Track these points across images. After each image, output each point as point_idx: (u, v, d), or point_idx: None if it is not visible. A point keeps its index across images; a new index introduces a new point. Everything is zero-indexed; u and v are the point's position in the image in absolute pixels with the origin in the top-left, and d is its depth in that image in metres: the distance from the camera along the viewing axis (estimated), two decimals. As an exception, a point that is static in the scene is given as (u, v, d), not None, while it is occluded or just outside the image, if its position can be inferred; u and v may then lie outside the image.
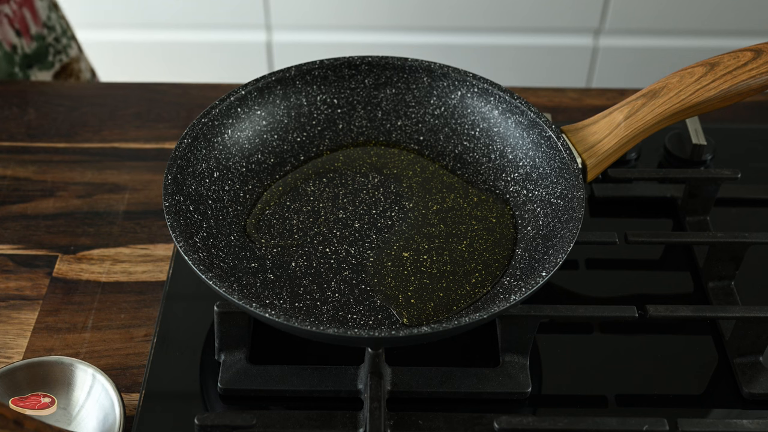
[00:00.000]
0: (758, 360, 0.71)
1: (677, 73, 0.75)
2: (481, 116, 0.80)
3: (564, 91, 0.99)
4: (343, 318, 0.69)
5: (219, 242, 0.72)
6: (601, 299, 0.77)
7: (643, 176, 0.83)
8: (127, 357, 0.73)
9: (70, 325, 0.75)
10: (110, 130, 0.93)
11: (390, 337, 0.63)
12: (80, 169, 0.89)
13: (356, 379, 0.68)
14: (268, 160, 0.79)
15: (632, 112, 0.74)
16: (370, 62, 0.81)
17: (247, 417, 0.62)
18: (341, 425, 0.65)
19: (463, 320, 0.62)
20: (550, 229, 0.71)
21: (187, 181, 0.72)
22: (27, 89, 0.99)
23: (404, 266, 0.72)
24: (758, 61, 0.73)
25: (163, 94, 0.98)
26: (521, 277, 0.70)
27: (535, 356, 0.72)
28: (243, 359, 0.69)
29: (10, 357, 0.73)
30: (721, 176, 0.80)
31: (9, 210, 0.85)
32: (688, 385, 0.71)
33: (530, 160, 0.77)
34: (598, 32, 1.78)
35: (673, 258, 0.81)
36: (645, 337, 0.74)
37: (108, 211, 0.85)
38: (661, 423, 0.63)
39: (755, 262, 0.78)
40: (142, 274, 0.79)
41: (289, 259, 0.72)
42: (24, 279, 0.78)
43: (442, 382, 0.68)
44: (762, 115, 0.97)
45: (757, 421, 0.65)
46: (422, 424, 0.66)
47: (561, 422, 0.63)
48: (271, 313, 0.62)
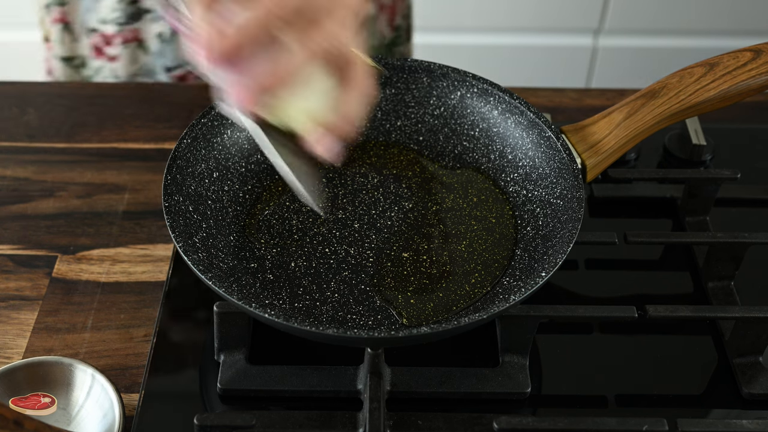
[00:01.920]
0: (758, 360, 0.71)
1: (677, 73, 0.75)
2: (481, 116, 0.80)
3: (564, 91, 0.99)
4: (342, 318, 0.69)
5: (218, 242, 0.72)
6: (601, 299, 0.77)
7: (643, 176, 0.83)
8: (127, 357, 0.73)
9: (69, 325, 0.75)
10: (110, 130, 0.93)
11: (389, 337, 0.63)
12: (80, 169, 0.89)
13: (356, 380, 0.68)
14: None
15: (632, 112, 0.74)
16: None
17: (247, 417, 0.62)
18: (341, 425, 0.65)
19: (463, 320, 0.62)
20: (550, 230, 0.71)
21: (187, 181, 0.72)
22: (27, 89, 0.99)
23: (404, 266, 0.72)
24: (758, 62, 0.73)
25: (163, 94, 0.98)
26: (521, 277, 0.70)
27: (535, 356, 0.72)
28: (242, 359, 0.69)
29: (10, 357, 0.73)
30: (721, 176, 0.80)
31: (9, 210, 0.85)
32: (687, 385, 0.71)
33: (530, 161, 0.77)
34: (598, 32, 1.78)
35: (672, 258, 0.81)
36: (645, 337, 0.74)
37: (108, 211, 0.85)
38: (661, 423, 0.63)
39: (755, 262, 0.78)
40: (141, 275, 0.79)
41: (289, 260, 0.72)
42: (24, 279, 0.78)
43: (442, 382, 0.68)
44: (762, 115, 0.97)
45: (757, 421, 0.65)
46: (422, 424, 0.66)
47: (561, 422, 0.63)
48: (270, 313, 0.62)
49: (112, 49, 1.03)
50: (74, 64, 1.06)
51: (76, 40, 1.04)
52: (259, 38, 0.58)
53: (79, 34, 1.04)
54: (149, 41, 1.03)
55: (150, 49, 1.03)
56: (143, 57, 1.04)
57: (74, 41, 1.04)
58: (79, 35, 1.04)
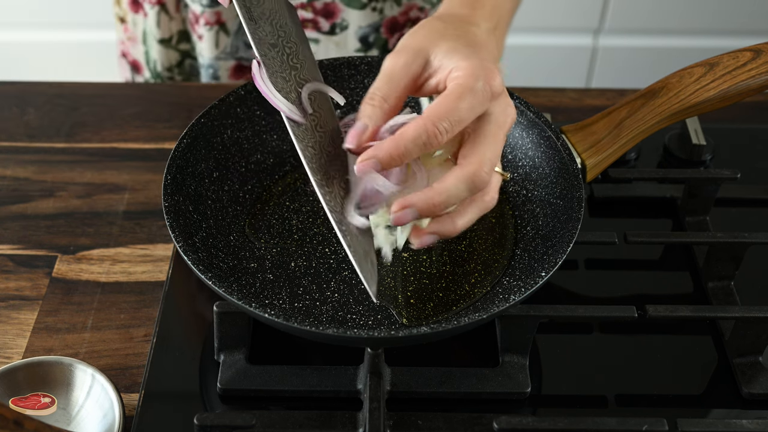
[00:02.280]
0: (758, 360, 0.71)
1: (677, 73, 0.75)
2: None
3: (564, 91, 0.99)
4: (342, 318, 0.69)
5: (218, 242, 0.72)
6: (601, 299, 0.77)
7: (643, 176, 0.83)
8: (127, 357, 0.73)
9: (69, 325, 0.75)
10: (110, 130, 0.93)
11: (389, 337, 0.63)
12: (80, 169, 0.89)
13: (356, 380, 0.68)
14: (268, 160, 0.79)
15: (632, 112, 0.74)
16: (370, 62, 0.81)
17: (247, 417, 0.62)
18: (341, 425, 0.65)
19: (463, 320, 0.62)
20: (550, 229, 0.71)
21: (187, 181, 0.72)
22: (27, 89, 0.99)
23: (403, 266, 0.72)
24: (757, 62, 0.73)
25: (163, 94, 0.98)
26: (521, 277, 0.70)
27: (535, 356, 0.72)
28: (242, 359, 0.69)
29: (10, 357, 0.73)
30: (721, 176, 0.80)
31: (9, 210, 0.85)
32: (688, 385, 0.71)
33: (530, 160, 0.77)
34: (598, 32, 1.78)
35: (672, 258, 0.80)
36: (645, 337, 0.74)
37: (108, 211, 0.85)
38: (661, 423, 0.63)
39: (755, 262, 0.78)
40: (141, 274, 0.79)
41: (289, 259, 0.72)
42: (24, 279, 0.78)
43: (442, 382, 0.68)
44: (762, 115, 0.97)
45: (757, 421, 0.65)
46: (422, 424, 0.66)
47: (561, 422, 0.63)
48: (270, 313, 0.62)
49: (200, 28, 1.04)
50: (171, 44, 1.07)
51: (172, 18, 1.05)
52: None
53: (173, 13, 1.04)
54: (229, 22, 1.03)
55: (231, 30, 1.04)
56: (225, 39, 1.04)
57: (171, 20, 1.05)
58: (173, 14, 1.04)
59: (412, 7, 1.03)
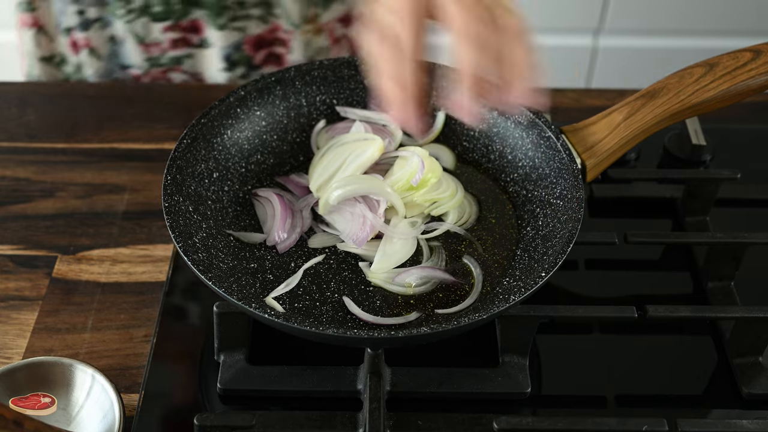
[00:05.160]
0: (758, 360, 0.71)
1: (677, 74, 0.75)
2: (481, 116, 0.80)
3: (564, 92, 0.99)
4: (342, 318, 0.69)
5: (218, 243, 0.72)
6: (601, 299, 0.77)
7: (643, 176, 0.83)
8: (127, 357, 0.73)
9: (69, 325, 0.75)
10: (110, 130, 0.93)
11: (389, 337, 0.63)
12: (80, 170, 0.89)
13: (356, 380, 0.68)
14: (268, 161, 0.79)
15: (632, 112, 0.74)
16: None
17: (247, 417, 0.62)
18: (341, 425, 0.65)
19: (463, 320, 0.62)
20: (550, 230, 0.71)
21: (187, 181, 0.72)
22: (27, 89, 0.99)
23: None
24: (757, 62, 0.73)
25: (163, 95, 0.98)
26: (521, 277, 0.70)
27: (535, 356, 0.72)
28: (242, 359, 0.69)
29: (10, 357, 0.73)
30: (721, 176, 0.80)
31: (9, 210, 0.85)
32: (687, 385, 0.71)
33: (529, 161, 0.77)
34: (598, 32, 1.78)
35: (672, 258, 0.81)
36: (645, 337, 0.74)
37: (107, 211, 0.85)
38: (661, 423, 0.63)
39: (755, 262, 0.78)
40: (141, 275, 0.79)
41: (289, 260, 0.72)
42: (24, 279, 0.78)
43: (442, 383, 0.68)
44: (762, 115, 0.97)
45: (757, 422, 0.65)
46: (422, 424, 0.66)
47: (561, 422, 0.63)
48: (270, 313, 0.62)
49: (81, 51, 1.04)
50: (54, 62, 1.06)
51: (52, 40, 1.04)
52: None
53: (55, 35, 1.03)
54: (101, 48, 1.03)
55: (102, 55, 1.03)
56: (97, 63, 1.04)
57: (51, 41, 1.04)
58: (55, 36, 1.03)
59: (277, 28, 1.02)
